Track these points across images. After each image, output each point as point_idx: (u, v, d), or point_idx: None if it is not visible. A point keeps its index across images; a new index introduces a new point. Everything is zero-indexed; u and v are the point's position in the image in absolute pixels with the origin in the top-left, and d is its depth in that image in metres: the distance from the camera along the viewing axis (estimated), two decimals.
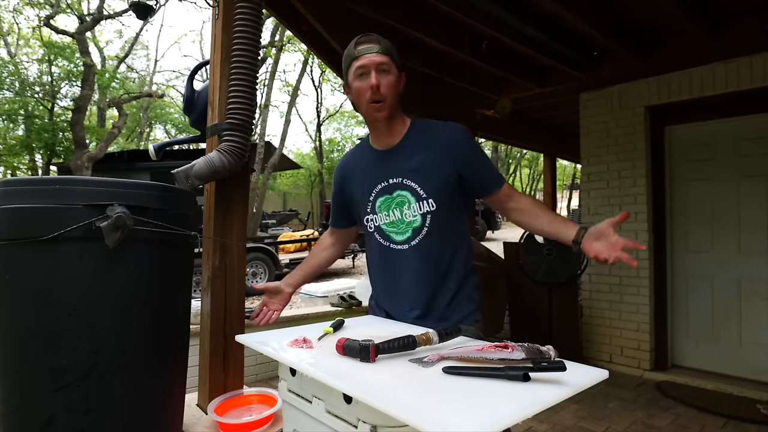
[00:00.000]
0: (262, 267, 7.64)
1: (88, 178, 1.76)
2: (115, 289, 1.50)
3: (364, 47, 1.34)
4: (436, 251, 1.39)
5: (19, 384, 1.46)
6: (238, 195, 2.26)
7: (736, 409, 2.98)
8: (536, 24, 3.11)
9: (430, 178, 1.36)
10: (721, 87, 3.35)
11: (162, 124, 21.05)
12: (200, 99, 2.42)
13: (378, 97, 1.33)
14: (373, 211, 1.44)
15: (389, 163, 1.41)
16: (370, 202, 1.44)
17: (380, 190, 1.42)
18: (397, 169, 1.39)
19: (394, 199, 1.40)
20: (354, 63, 1.35)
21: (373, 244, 1.48)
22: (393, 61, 1.35)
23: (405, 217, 1.38)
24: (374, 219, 1.44)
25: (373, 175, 1.43)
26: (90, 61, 9.48)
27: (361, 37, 1.36)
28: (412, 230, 1.38)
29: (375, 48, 1.32)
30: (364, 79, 1.33)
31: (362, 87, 1.34)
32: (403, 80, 1.40)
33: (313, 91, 30.81)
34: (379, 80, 1.31)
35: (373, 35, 1.36)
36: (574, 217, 12.26)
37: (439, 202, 1.35)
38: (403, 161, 1.39)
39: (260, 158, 10.92)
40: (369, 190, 1.44)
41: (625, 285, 3.82)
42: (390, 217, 1.41)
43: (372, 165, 1.44)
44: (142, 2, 4.55)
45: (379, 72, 1.32)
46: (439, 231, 1.37)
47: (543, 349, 0.94)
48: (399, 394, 0.83)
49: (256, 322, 1.57)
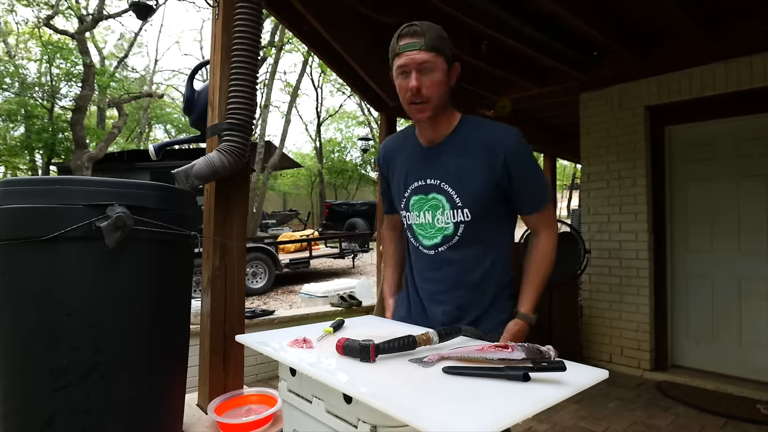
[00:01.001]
0: (262, 267, 7.63)
1: (88, 178, 1.76)
2: (115, 289, 1.50)
3: (405, 43, 1.21)
4: (467, 262, 1.29)
5: (20, 384, 1.46)
6: (238, 195, 2.26)
7: (736, 409, 2.98)
8: (536, 24, 3.11)
9: (468, 185, 1.25)
10: (721, 87, 3.35)
11: (162, 124, 21.06)
12: (200, 99, 2.42)
13: (419, 99, 1.22)
14: (407, 208, 1.36)
15: (429, 162, 1.31)
16: (405, 198, 1.36)
17: (416, 189, 1.33)
18: (436, 169, 1.29)
19: (428, 201, 1.31)
20: (396, 60, 1.24)
21: (408, 238, 1.43)
22: (440, 55, 1.21)
23: (437, 222, 1.30)
24: (407, 216, 1.37)
25: (412, 170, 1.34)
26: (90, 61, 9.48)
27: (404, 27, 1.22)
28: (442, 237, 1.30)
29: (418, 44, 1.19)
30: (405, 78, 1.22)
31: (402, 86, 1.24)
32: (455, 72, 1.28)
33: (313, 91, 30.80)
34: (420, 82, 1.20)
35: (417, 26, 1.22)
36: (574, 217, 12.24)
37: (474, 213, 1.25)
38: (443, 162, 1.29)
39: (260, 158, 10.92)
40: (406, 185, 1.36)
41: (625, 285, 3.82)
42: (420, 219, 1.33)
43: (412, 159, 1.35)
44: (142, 2, 4.54)
45: (420, 72, 1.20)
46: (472, 242, 1.28)
47: (543, 349, 0.94)
48: (399, 394, 0.83)
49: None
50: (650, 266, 3.71)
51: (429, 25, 1.23)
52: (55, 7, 10.73)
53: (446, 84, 1.26)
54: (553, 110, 5.50)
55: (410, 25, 1.22)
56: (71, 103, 11.21)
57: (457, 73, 1.29)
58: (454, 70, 1.28)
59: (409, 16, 3.16)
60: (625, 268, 3.81)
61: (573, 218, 12.43)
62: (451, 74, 1.27)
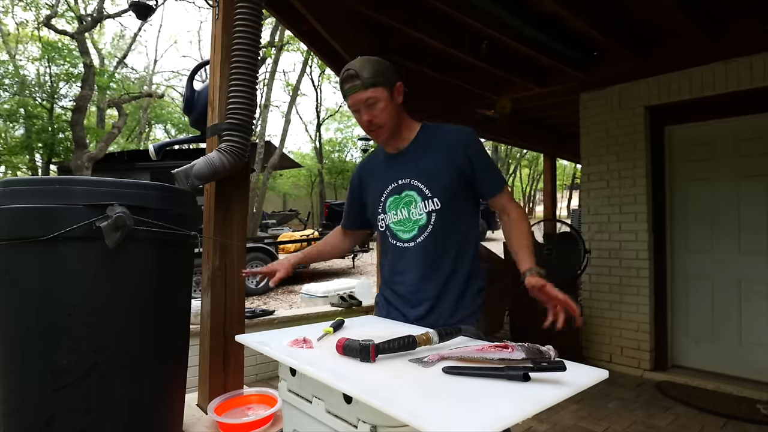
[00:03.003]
0: (262, 267, 7.63)
1: (88, 178, 1.76)
2: (116, 289, 1.50)
3: (347, 87, 1.38)
4: (440, 250, 1.43)
5: (19, 384, 1.46)
6: (238, 195, 2.26)
7: (736, 409, 2.98)
8: (536, 24, 3.10)
9: (435, 178, 1.41)
10: (721, 87, 3.35)
11: (162, 124, 21.05)
12: (200, 99, 2.42)
13: (373, 127, 1.41)
14: (384, 210, 1.51)
15: (399, 165, 1.48)
16: (382, 202, 1.51)
17: (390, 191, 1.49)
18: (406, 170, 1.46)
19: (402, 199, 1.46)
20: (346, 101, 1.42)
21: (384, 243, 1.55)
22: (378, 87, 1.37)
23: (412, 215, 1.45)
24: (385, 218, 1.51)
25: (385, 176, 1.51)
26: (90, 62, 9.47)
27: (344, 72, 1.39)
28: (418, 228, 1.43)
29: (357, 86, 1.36)
30: (358, 114, 1.41)
31: (358, 120, 1.43)
32: (399, 91, 1.43)
33: (312, 91, 30.79)
34: (370, 115, 1.38)
35: (352, 69, 1.37)
36: (574, 217, 12.24)
37: (443, 202, 1.40)
38: (411, 163, 1.46)
39: (260, 158, 10.91)
40: (381, 190, 1.51)
41: (625, 285, 3.82)
42: (398, 216, 1.47)
43: (384, 167, 1.53)
44: (142, 2, 4.54)
45: (367, 107, 1.37)
46: (443, 230, 1.42)
47: (543, 349, 0.94)
48: (399, 394, 0.83)
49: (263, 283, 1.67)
50: (650, 266, 3.71)
51: (362, 64, 1.37)
52: (55, 7, 10.74)
53: (393, 106, 1.41)
54: (553, 110, 5.51)
55: (347, 69, 1.38)
56: (71, 103, 11.21)
57: (400, 91, 1.44)
58: (397, 90, 1.43)
59: (410, 16, 3.18)
60: (625, 268, 3.81)
61: (573, 218, 12.43)
62: (395, 95, 1.43)
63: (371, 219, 1.60)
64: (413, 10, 3.20)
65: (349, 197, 1.68)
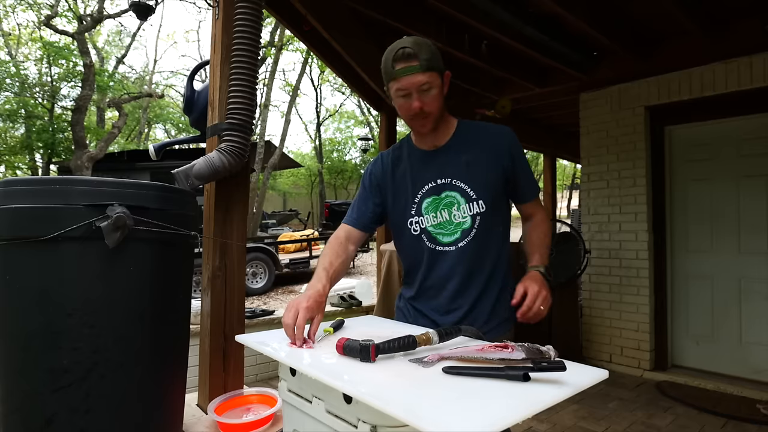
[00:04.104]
0: (262, 267, 7.63)
1: (88, 178, 1.75)
2: (115, 289, 1.50)
3: (402, 67, 1.22)
4: (482, 254, 1.35)
5: (19, 384, 1.46)
6: (238, 195, 2.27)
7: (736, 409, 2.98)
8: (536, 24, 3.11)
9: (479, 178, 1.33)
10: (721, 87, 3.35)
11: (162, 124, 21.05)
12: (200, 99, 2.43)
13: (421, 116, 1.28)
14: (419, 212, 1.37)
15: (437, 164, 1.36)
16: (416, 203, 1.37)
17: (427, 191, 1.36)
18: (446, 169, 1.34)
19: (443, 200, 1.35)
20: (393, 83, 1.26)
21: (415, 247, 1.40)
22: (435, 71, 1.25)
23: (454, 218, 1.34)
24: (420, 221, 1.37)
25: (419, 175, 1.37)
26: (90, 62, 9.47)
27: (398, 50, 1.22)
28: (461, 231, 1.34)
29: (414, 67, 1.21)
30: (406, 99, 1.26)
31: (404, 106, 1.28)
32: (448, 80, 1.32)
33: (312, 90, 30.81)
34: (421, 101, 1.25)
35: (410, 48, 1.21)
36: (574, 217, 12.23)
37: (488, 204, 1.32)
38: (451, 161, 1.35)
39: (260, 158, 10.91)
40: (414, 191, 1.37)
41: (625, 285, 3.82)
42: (438, 219, 1.35)
43: (417, 166, 1.38)
44: (142, 2, 4.54)
45: (420, 92, 1.24)
46: (486, 233, 1.34)
47: (543, 349, 0.94)
48: (399, 394, 0.83)
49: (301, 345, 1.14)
50: (650, 266, 3.71)
51: (419, 44, 1.23)
52: (55, 7, 10.74)
53: (443, 96, 1.31)
54: (553, 110, 5.51)
55: (403, 47, 1.22)
56: (71, 103, 11.21)
57: (448, 80, 1.33)
58: (446, 79, 1.32)
59: (409, 16, 3.18)
60: (625, 268, 3.81)
61: (573, 218, 12.42)
62: (445, 84, 1.32)
63: (393, 220, 1.45)
64: (413, 10, 3.20)
65: (360, 197, 1.48)
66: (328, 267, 1.34)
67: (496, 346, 0.96)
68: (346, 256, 1.43)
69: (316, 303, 1.19)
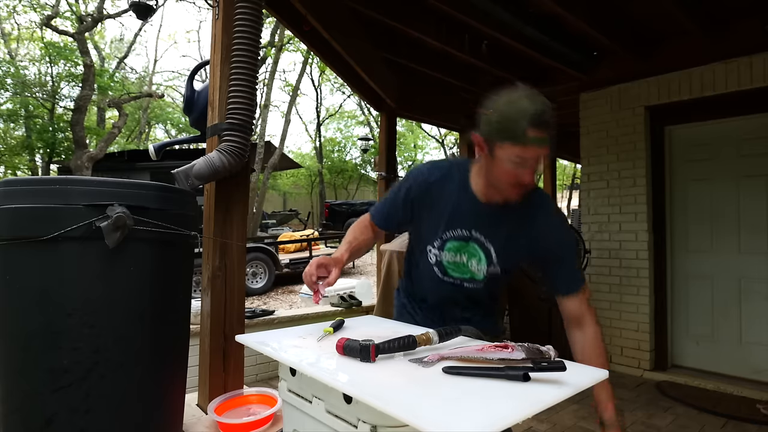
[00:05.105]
0: (262, 267, 7.63)
1: (88, 178, 1.75)
2: (115, 289, 1.50)
3: (536, 136, 1.10)
4: (485, 292, 1.39)
5: (19, 384, 1.46)
6: (238, 195, 2.27)
7: (736, 409, 2.98)
8: (536, 24, 3.11)
9: (508, 252, 1.30)
10: (721, 87, 3.35)
11: (162, 124, 21.05)
12: (200, 99, 2.43)
13: (525, 187, 1.20)
14: (441, 247, 1.35)
15: (480, 217, 1.30)
16: (441, 239, 1.35)
17: (458, 236, 1.33)
18: (485, 227, 1.30)
19: (467, 249, 1.33)
20: (515, 147, 1.12)
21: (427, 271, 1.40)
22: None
23: (470, 265, 1.34)
24: (438, 254, 1.36)
25: (459, 217, 1.32)
26: (90, 62, 9.48)
27: (538, 114, 1.10)
28: (471, 276, 1.35)
29: (546, 140, 1.12)
30: (520, 167, 1.15)
31: (512, 173, 1.16)
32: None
33: (312, 91, 30.82)
34: (534, 172, 1.17)
35: (549, 117, 1.12)
36: (574, 218, 12.23)
37: (504, 270, 1.33)
38: (493, 223, 1.29)
39: (260, 158, 10.91)
40: (446, 228, 1.33)
41: (625, 285, 3.82)
42: (456, 259, 1.35)
43: (462, 207, 1.31)
44: (142, 2, 4.54)
45: (537, 163, 1.16)
46: (495, 282, 1.37)
47: (543, 349, 0.94)
48: (399, 394, 0.83)
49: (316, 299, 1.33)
50: (650, 266, 3.71)
51: (551, 111, 1.14)
52: (55, 7, 10.74)
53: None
54: (553, 110, 5.50)
55: (542, 113, 1.10)
56: (72, 103, 11.21)
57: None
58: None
59: (409, 16, 3.18)
60: (625, 268, 3.81)
61: (573, 218, 12.41)
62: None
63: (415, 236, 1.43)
64: (413, 10, 3.20)
65: (392, 202, 1.41)
66: (351, 240, 1.42)
67: (496, 346, 0.96)
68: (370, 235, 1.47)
69: (333, 260, 1.31)
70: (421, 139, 24.15)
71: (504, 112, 1.14)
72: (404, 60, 3.84)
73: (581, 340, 1.30)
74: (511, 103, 1.14)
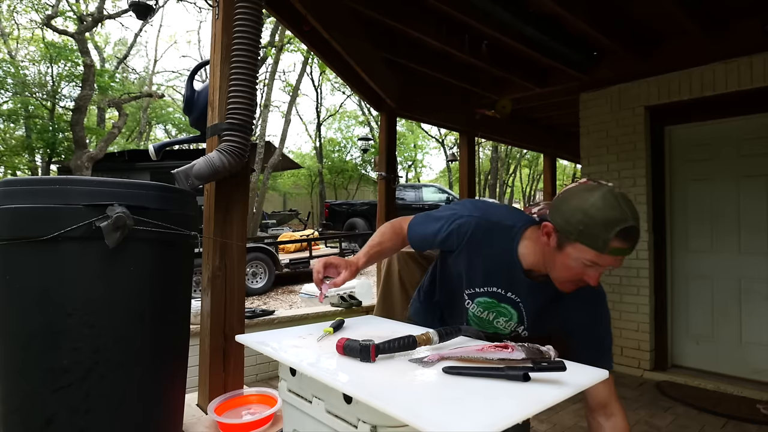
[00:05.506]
0: (262, 267, 7.63)
1: (88, 178, 1.76)
2: (115, 289, 1.50)
3: (620, 247, 1.03)
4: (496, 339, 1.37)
5: (19, 384, 1.46)
6: (238, 195, 2.27)
7: (736, 409, 2.98)
8: (536, 24, 3.11)
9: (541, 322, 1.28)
10: (721, 87, 3.35)
11: (162, 124, 21.05)
12: (200, 99, 2.43)
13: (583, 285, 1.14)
14: (471, 298, 1.31)
15: (519, 282, 1.24)
16: (474, 291, 1.30)
17: (492, 293, 1.28)
18: (522, 293, 1.25)
19: (499, 308, 1.30)
20: (592, 253, 1.05)
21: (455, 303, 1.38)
22: None
23: (497, 324, 1.32)
24: (469, 303, 1.33)
25: (497, 277, 1.26)
26: (90, 61, 9.48)
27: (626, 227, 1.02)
28: (494, 332, 1.34)
29: (629, 251, 1.06)
30: (589, 269, 1.09)
31: (579, 272, 1.10)
32: None
33: (312, 91, 30.83)
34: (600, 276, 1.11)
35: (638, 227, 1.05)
36: None
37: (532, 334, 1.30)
38: (532, 293, 1.24)
39: (260, 158, 10.91)
40: (482, 284, 1.28)
41: (625, 285, 3.82)
42: (482, 315, 1.33)
43: (503, 269, 1.25)
44: (142, 2, 4.54)
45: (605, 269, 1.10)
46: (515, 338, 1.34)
47: (543, 349, 0.94)
48: (399, 394, 0.83)
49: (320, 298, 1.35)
50: (650, 266, 3.71)
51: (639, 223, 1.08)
52: (56, 7, 10.74)
53: None
54: (553, 110, 5.51)
55: (632, 228, 1.03)
56: (72, 103, 11.21)
57: None
58: None
59: (410, 16, 3.18)
60: (625, 268, 3.81)
61: None
62: None
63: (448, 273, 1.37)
64: (413, 10, 3.20)
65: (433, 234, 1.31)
66: (375, 245, 1.37)
67: (496, 346, 0.96)
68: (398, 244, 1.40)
69: (346, 262, 1.30)
70: (421, 139, 24.17)
71: (590, 214, 1.04)
72: (404, 60, 3.84)
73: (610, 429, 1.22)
74: (599, 208, 1.04)
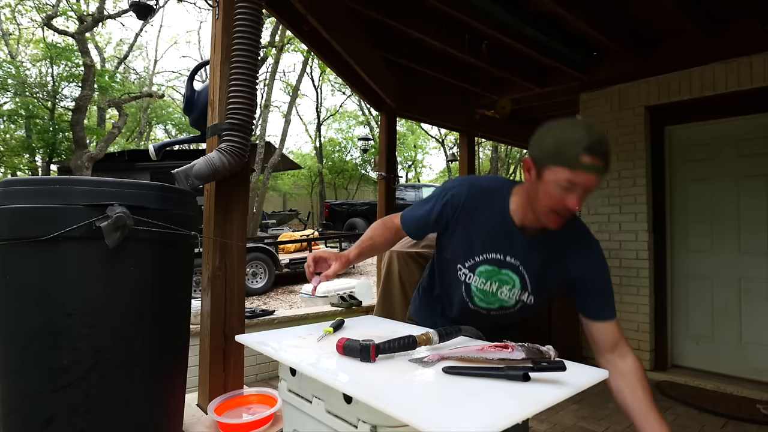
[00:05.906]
0: (262, 267, 7.63)
1: (88, 178, 1.75)
2: (115, 289, 1.50)
3: (591, 163, 1.06)
4: (508, 320, 1.38)
5: (19, 384, 1.46)
6: (238, 195, 2.27)
7: (736, 409, 2.98)
8: (536, 24, 3.11)
9: (544, 281, 1.27)
10: (721, 87, 3.35)
11: (162, 124, 21.05)
12: (200, 99, 2.43)
13: (567, 214, 1.15)
14: (472, 270, 1.30)
15: (516, 242, 1.25)
16: (474, 261, 1.29)
17: (492, 260, 1.28)
18: (521, 254, 1.25)
19: (500, 275, 1.28)
20: (566, 172, 1.08)
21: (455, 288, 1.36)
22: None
23: (500, 294, 1.30)
24: (468, 276, 1.31)
25: (494, 241, 1.27)
26: (90, 62, 9.48)
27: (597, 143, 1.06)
28: (500, 306, 1.32)
29: (602, 168, 1.08)
30: (567, 192, 1.10)
31: (559, 198, 1.11)
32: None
33: (312, 91, 30.82)
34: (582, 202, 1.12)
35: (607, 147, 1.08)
36: None
37: (537, 299, 1.30)
38: (529, 251, 1.25)
39: (260, 158, 10.91)
40: (481, 251, 1.28)
41: (625, 285, 3.82)
42: (485, 286, 1.30)
43: (497, 231, 1.26)
44: (142, 2, 4.54)
45: (587, 193, 1.11)
46: (524, 311, 1.33)
47: (543, 349, 0.94)
48: (399, 394, 0.83)
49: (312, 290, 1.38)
50: (650, 266, 3.71)
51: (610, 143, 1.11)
52: (56, 7, 10.74)
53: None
54: (553, 110, 5.50)
55: (600, 143, 1.06)
56: (72, 103, 11.22)
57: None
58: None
59: (409, 16, 3.18)
60: (625, 268, 3.81)
61: None
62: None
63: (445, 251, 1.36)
64: (413, 10, 3.20)
65: (425, 214, 1.33)
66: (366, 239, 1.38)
67: (496, 346, 0.96)
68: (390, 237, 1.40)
69: (335, 255, 1.32)
70: (421, 139, 24.16)
71: (559, 135, 1.10)
72: (404, 60, 3.84)
73: (624, 367, 1.21)
74: (567, 128, 1.10)
